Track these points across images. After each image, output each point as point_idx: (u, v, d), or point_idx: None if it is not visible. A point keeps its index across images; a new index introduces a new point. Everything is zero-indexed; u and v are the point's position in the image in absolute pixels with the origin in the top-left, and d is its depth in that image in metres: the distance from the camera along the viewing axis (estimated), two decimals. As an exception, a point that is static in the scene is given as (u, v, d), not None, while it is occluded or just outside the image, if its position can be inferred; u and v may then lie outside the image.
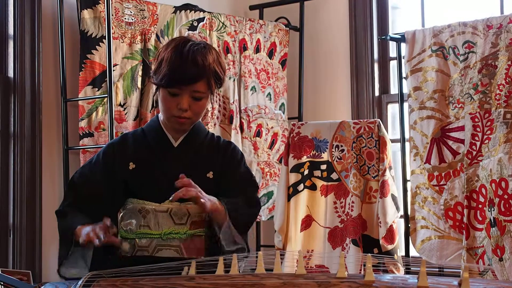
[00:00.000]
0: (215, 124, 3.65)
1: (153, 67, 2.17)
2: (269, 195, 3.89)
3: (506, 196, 2.90)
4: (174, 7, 3.56)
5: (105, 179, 2.16)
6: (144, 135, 2.22)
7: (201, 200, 1.99)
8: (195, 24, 3.62)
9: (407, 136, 3.36)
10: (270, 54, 3.98)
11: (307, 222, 3.39)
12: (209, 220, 2.14)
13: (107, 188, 2.15)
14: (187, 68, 2.05)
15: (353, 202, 3.27)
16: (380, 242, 3.16)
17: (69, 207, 2.15)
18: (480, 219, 3.06)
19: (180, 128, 2.17)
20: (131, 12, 3.38)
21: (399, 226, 3.35)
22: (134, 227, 2.14)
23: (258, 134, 3.87)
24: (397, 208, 3.23)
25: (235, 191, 2.17)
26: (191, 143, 2.20)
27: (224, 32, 3.74)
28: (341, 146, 3.34)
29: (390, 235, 3.17)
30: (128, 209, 2.16)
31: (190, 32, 3.57)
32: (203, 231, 2.11)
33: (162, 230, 2.11)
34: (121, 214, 2.20)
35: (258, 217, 3.83)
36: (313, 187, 3.40)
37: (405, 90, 3.38)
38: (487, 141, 3.04)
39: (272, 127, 3.94)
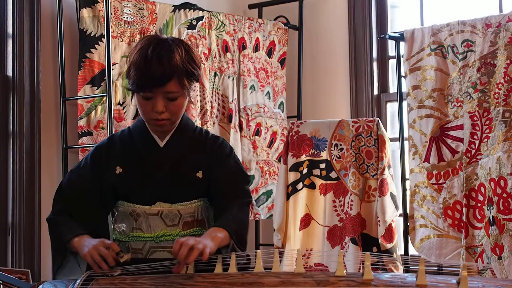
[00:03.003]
0: (214, 123, 3.65)
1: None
2: (268, 193, 3.89)
3: (505, 195, 2.90)
4: (173, 6, 3.56)
5: (93, 183, 2.12)
6: (131, 136, 2.16)
7: (206, 253, 1.84)
8: (194, 23, 3.61)
9: (406, 134, 3.37)
10: (269, 53, 3.98)
11: (306, 220, 3.39)
12: (201, 220, 2.13)
13: (96, 192, 2.12)
14: (153, 70, 1.97)
15: (352, 200, 3.28)
16: (379, 241, 3.17)
17: (58, 215, 2.11)
18: (479, 217, 3.06)
19: (161, 130, 2.11)
20: (130, 11, 3.38)
21: (398, 225, 3.35)
22: (127, 230, 2.13)
23: (257, 133, 3.87)
24: (396, 207, 3.23)
25: (225, 186, 2.11)
26: (178, 142, 2.14)
27: (223, 31, 3.74)
28: (340, 144, 3.34)
29: (389, 233, 3.17)
30: (120, 211, 2.15)
31: (189, 31, 3.57)
32: (197, 230, 2.09)
33: (154, 232, 2.08)
34: (114, 216, 2.19)
35: (257, 215, 3.83)
36: (312, 186, 3.40)
37: (404, 89, 3.38)
38: (486, 139, 3.05)
39: (271, 126, 3.94)
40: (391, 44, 3.85)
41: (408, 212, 3.34)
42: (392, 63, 3.92)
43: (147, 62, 1.98)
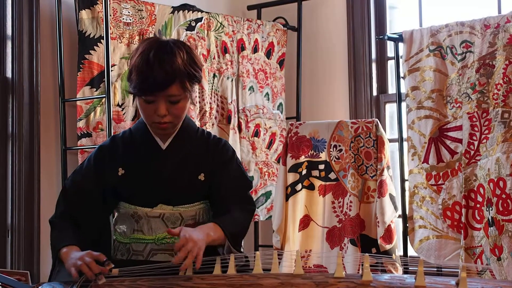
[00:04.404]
0: (213, 124, 3.65)
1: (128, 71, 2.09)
2: (267, 195, 3.89)
3: (504, 196, 2.90)
4: (172, 7, 3.56)
5: (96, 184, 2.12)
6: (132, 138, 2.16)
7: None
8: (193, 24, 3.62)
9: (405, 135, 3.37)
10: (268, 54, 3.98)
11: (305, 222, 3.39)
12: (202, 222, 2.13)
13: (99, 193, 2.12)
14: (156, 75, 1.97)
15: (351, 201, 3.28)
16: (378, 242, 3.16)
17: (58, 219, 2.11)
18: (478, 218, 3.06)
19: (163, 133, 2.11)
20: (129, 12, 3.38)
21: (397, 226, 3.35)
22: (128, 231, 2.12)
23: (256, 134, 3.87)
24: (395, 208, 3.23)
25: (227, 190, 2.11)
26: (180, 144, 2.13)
27: (222, 32, 3.74)
28: (339, 146, 3.34)
29: (388, 234, 3.17)
30: (121, 213, 2.14)
31: (188, 32, 3.58)
32: None
33: (155, 235, 2.08)
34: (115, 216, 2.19)
35: (256, 217, 3.83)
36: (311, 187, 3.40)
37: (403, 90, 3.39)
38: (485, 140, 3.05)
39: (270, 127, 3.94)
40: (390, 45, 3.85)
41: (407, 213, 3.34)
42: (391, 64, 3.92)
43: (149, 66, 1.97)
